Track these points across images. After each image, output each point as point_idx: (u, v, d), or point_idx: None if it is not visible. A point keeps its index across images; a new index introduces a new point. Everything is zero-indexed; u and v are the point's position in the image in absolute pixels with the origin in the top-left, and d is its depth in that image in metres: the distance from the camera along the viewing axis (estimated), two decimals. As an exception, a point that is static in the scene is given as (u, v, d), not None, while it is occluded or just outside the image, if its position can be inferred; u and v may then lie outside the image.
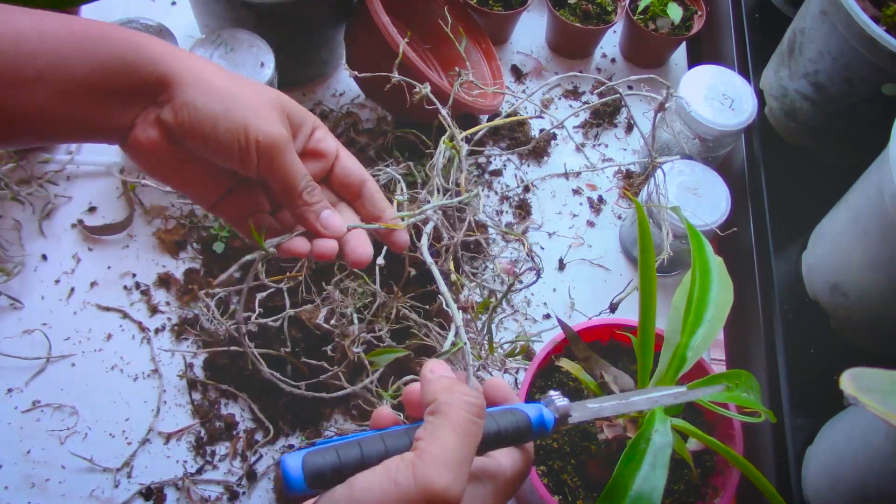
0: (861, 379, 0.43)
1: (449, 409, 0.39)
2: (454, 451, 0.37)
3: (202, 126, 0.45)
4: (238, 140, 0.45)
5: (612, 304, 0.82)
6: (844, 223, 0.75)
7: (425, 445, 0.37)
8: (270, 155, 0.46)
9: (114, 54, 0.44)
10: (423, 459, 0.36)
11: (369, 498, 0.36)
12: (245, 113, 0.45)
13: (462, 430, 0.38)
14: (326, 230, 0.50)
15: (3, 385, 0.75)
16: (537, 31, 1.09)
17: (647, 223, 0.53)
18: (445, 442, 0.37)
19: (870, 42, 0.72)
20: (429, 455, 0.37)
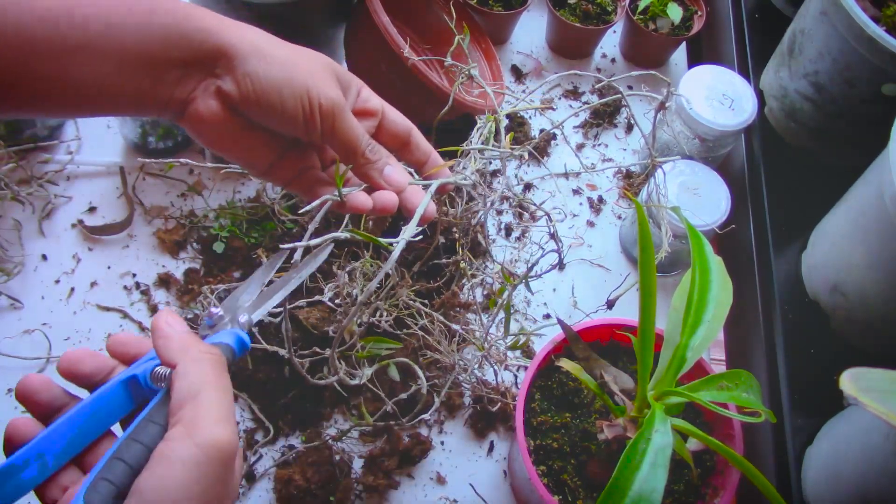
0: (861, 379, 0.43)
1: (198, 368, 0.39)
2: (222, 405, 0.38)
3: (267, 95, 0.46)
4: (303, 106, 0.47)
5: (610, 301, 0.82)
6: (844, 223, 0.75)
7: (192, 413, 0.37)
8: (333, 117, 0.48)
9: (168, 24, 0.43)
10: (199, 426, 0.36)
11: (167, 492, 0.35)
12: (306, 79, 0.47)
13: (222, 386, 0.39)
14: (390, 185, 0.52)
15: (3, 385, 0.75)
16: (537, 31, 1.09)
17: (647, 223, 0.53)
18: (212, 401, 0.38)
19: (870, 42, 0.72)
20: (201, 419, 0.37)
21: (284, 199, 0.86)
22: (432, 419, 0.78)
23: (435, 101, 0.81)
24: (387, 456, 0.73)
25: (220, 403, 0.38)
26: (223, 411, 0.38)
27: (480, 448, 0.78)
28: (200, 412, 0.37)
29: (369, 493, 0.73)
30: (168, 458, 0.36)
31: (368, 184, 0.52)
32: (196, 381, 0.38)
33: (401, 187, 0.52)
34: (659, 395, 0.55)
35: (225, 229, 0.84)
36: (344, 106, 0.48)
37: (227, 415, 0.38)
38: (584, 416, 0.66)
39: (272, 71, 0.46)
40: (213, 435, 0.36)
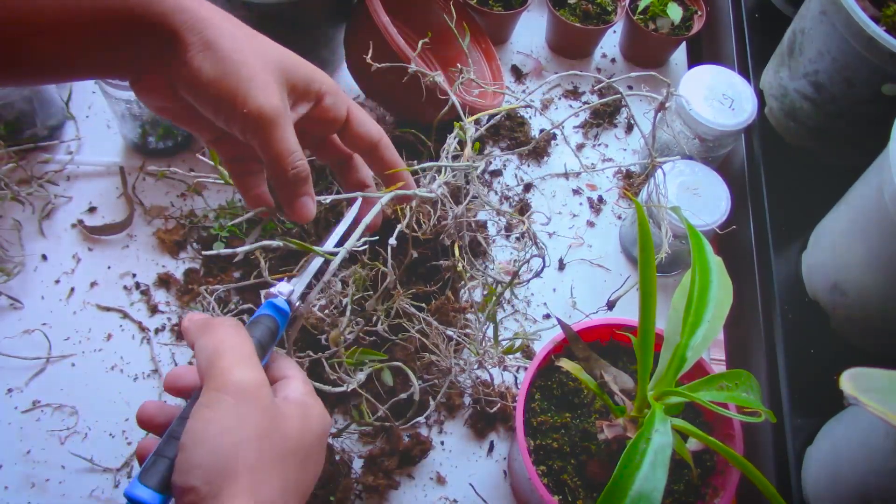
0: (861, 379, 0.43)
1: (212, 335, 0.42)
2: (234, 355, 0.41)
3: (197, 90, 0.45)
4: (230, 110, 0.45)
5: (610, 302, 0.82)
6: (844, 223, 0.75)
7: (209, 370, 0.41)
8: (258, 128, 0.46)
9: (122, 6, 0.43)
10: (215, 376, 0.40)
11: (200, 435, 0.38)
12: (239, 84, 0.45)
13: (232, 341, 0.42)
14: (294, 215, 0.50)
15: (3, 385, 0.75)
16: (537, 31, 1.09)
17: (647, 223, 0.53)
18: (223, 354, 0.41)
19: (870, 42, 0.72)
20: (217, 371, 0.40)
21: (284, 199, 0.86)
22: (432, 419, 0.78)
23: (435, 101, 0.81)
24: (387, 456, 0.73)
25: (234, 353, 0.41)
26: (239, 358, 0.41)
27: (480, 448, 0.78)
28: (217, 365, 0.41)
29: (369, 493, 0.73)
30: (198, 408, 0.39)
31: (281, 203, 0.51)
32: (209, 347, 0.42)
33: (304, 220, 0.50)
34: (659, 395, 0.55)
35: (225, 229, 0.84)
36: (276, 118, 0.46)
37: (241, 360, 0.41)
38: (584, 416, 0.66)
39: (208, 68, 0.45)
40: (232, 377, 0.40)
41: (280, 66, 0.48)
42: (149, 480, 0.39)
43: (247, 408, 0.40)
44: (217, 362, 0.41)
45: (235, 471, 0.38)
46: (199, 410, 0.39)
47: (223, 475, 0.38)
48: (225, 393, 0.39)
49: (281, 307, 0.48)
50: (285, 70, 0.48)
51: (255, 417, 0.40)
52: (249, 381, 0.40)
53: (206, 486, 0.37)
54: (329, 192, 0.85)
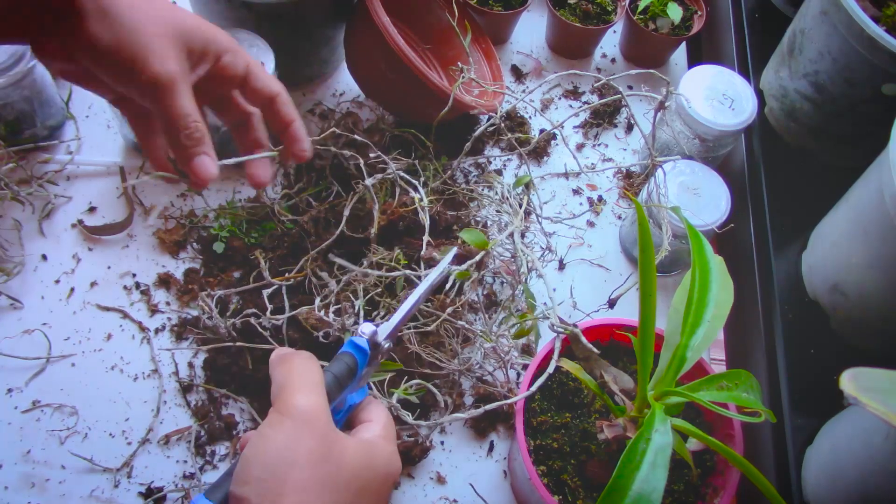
0: (861, 379, 0.43)
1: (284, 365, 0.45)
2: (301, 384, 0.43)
3: (95, 57, 0.46)
4: (127, 76, 0.47)
5: (611, 300, 0.82)
6: (844, 223, 0.75)
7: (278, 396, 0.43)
8: (155, 94, 0.48)
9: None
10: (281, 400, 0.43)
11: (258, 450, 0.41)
12: (136, 51, 0.47)
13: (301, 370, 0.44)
14: (195, 174, 0.51)
15: (3, 385, 0.75)
16: (537, 31, 1.09)
17: (647, 223, 0.53)
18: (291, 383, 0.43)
19: (870, 42, 0.72)
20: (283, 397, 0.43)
21: (284, 199, 0.86)
22: (433, 419, 0.78)
23: (435, 101, 0.81)
24: (387, 456, 0.73)
25: (301, 380, 0.44)
26: (305, 385, 0.43)
27: (480, 448, 0.78)
28: (284, 391, 0.43)
29: (369, 493, 0.73)
30: (261, 428, 0.42)
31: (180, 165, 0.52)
32: (282, 375, 0.44)
33: (206, 179, 0.52)
34: (659, 395, 0.55)
35: (225, 229, 0.84)
36: (172, 83, 0.48)
37: (308, 387, 0.43)
38: (584, 416, 0.66)
39: (104, 35, 0.46)
40: (294, 401, 0.42)
41: (178, 29, 0.49)
42: (213, 495, 0.42)
43: (304, 431, 0.42)
44: (285, 388, 0.43)
45: (284, 488, 0.40)
46: (261, 429, 0.42)
47: (274, 491, 0.39)
48: (286, 415, 0.42)
49: (361, 346, 0.50)
50: (183, 33, 0.49)
51: (311, 442, 0.41)
52: (309, 407, 0.42)
53: (256, 498, 0.39)
54: (329, 191, 0.85)
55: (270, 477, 0.40)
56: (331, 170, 0.87)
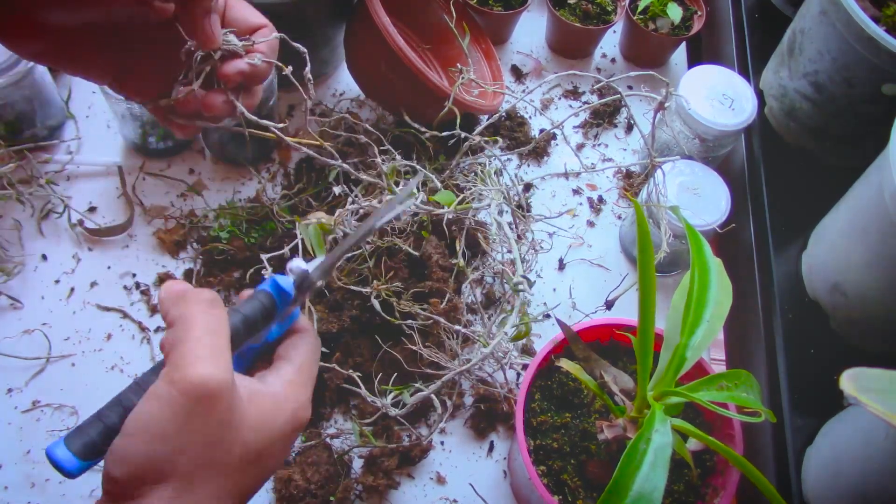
0: (861, 379, 0.43)
1: (183, 311, 0.38)
2: (205, 345, 0.37)
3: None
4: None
5: (609, 301, 0.82)
6: (844, 223, 0.75)
7: (176, 354, 0.37)
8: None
9: None
10: (178, 365, 0.36)
11: (142, 427, 0.35)
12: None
13: (203, 323, 0.38)
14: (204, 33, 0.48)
15: (3, 385, 0.75)
16: (537, 31, 1.09)
17: (647, 223, 0.53)
18: (193, 341, 0.37)
19: (870, 42, 0.72)
20: (182, 359, 0.36)
21: (284, 199, 0.86)
22: (432, 419, 0.78)
23: (435, 101, 0.81)
24: (387, 456, 0.73)
25: (203, 344, 0.37)
26: (205, 350, 0.37)
27: (480, 448, 0.78)
28: (182, 352, 0.37)
29: (369, 493, 0.73)
30: (149, 394, 0.36)
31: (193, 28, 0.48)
32: (182, 324, 0.38)
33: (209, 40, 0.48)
34: (659, 395, 0.55)
35: (225, 229, 0.84)
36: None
37: (210, 353, 0.37)
38: (584, 416, 0.66)
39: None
40: (192, 372, 0.36)
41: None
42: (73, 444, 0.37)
43: (198, 412, 0.36)
44: (181, 347, 0.37)
45: (163, 475, 0.35)
46: (148, 399, 0.36)
47: (150, 475, 0.35)
48: (179, 391, 0.35)
49: (283, 288, 0.43)
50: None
51: (205, 426, 0.36)
52: (209, 383, 0.36)
53: (129, 480, 0.35)
54: (329, 191, 0.85)
55: (149, 460, 0.35)
56: (330, 170, 0.87)
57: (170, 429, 0.35)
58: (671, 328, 0.56)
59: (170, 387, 0.36)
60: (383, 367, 0.76)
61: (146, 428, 0.35)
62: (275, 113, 0.87)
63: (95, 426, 0.38)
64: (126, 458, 0.35)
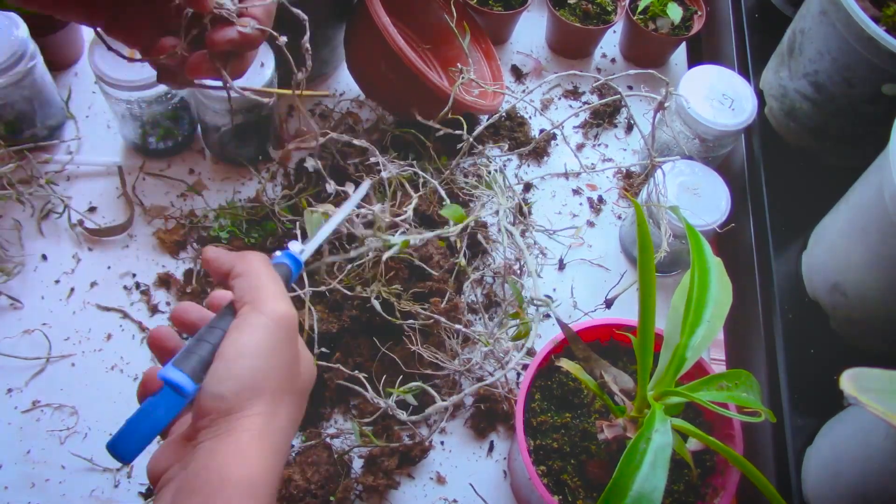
0: (861, 379, 0.43)
1: (247, 266, 0.45)
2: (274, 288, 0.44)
3: None
4: None
5: (608, 300, 0.82)
6: (844, 223, 0.75)
7: (254, 295, 0.43)
8: None
9: None
10: (262, 301, 0.43)
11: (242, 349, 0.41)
12: None
13: (268, 276, 0.45)
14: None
15: (3, 385, 0.75)
16: (537, 31, 1.09)
17: (647, 223, 0.53)
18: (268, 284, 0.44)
19: (870, 42, 0.72)
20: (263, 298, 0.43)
21: (284, 199, 0.86)
22: (432, 419, 0.78)
23: (435, 101, 0.81)
24: (387, 456, 0.73)
25: (275, 286, 0.44)
26: (279, 292, 0.44)
27: (480, 448, 0.78)
28: (261, 294, 0.43)
29: (369, 493, 0.73)
30: (241, 326, 0.42)
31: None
32: (252, 273, 0.44)
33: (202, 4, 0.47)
34: (659, 395, 0.55)
35: (225, 229, 0.84)
36: None
37: (283, 294, 0.44)
38: (584, 416, 0.66)
39: None
40: (275, 306, 0.42)
41: None
42: (184, 366, 0.41)
43: (284, 338, 0.42)
44: (262, 289, 0.43)
45: (262, 391, 0.40)
46: (244, 327, 0.42)
47: (252, 391, 0.40)
48: (271, 319, 0.42)
49: (297, 259, 0.50)
50: None
51: (287, 349, 0.43)
52: (290, 315, 0.43)
53: (234, 397, 0.40)
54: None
55: (252, 377, 0.40)
56: (330, 170, 0.87)
57: (266, 349, 0.41)
58: (671, 328, 0.56)
59: (260, 316, 0.42)
60: (383, 367, 0.76)
61: (247, 350, 0.41)
62: (274, 112, 0.87)
63: (194, 357, 0.42)
64: (232, 376, 0.40)
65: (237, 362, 0.41)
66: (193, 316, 0.47)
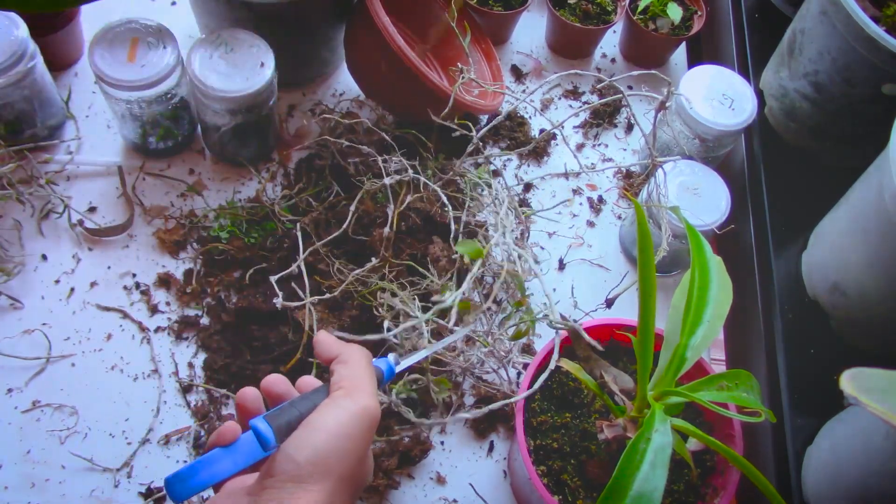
0: (861, 379, 0.43)
1: (352, 357, 0.49)
2: (369, 384, 0.48)
3: None
4: None
5: (608, 300, 0.82)
6: (844, 223, 0.75)
7: (351, 384, 0.47)
8: None
9: None
10: (357, 391, 0.47)
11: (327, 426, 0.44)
12: None
13: (367, 371, 0.49)
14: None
15: (3, 385, 0.75)
16: (537, 31, 1.09)
17: (647, 223, 0.53)
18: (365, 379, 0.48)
19: (870, 42, 0.72)
20: (358, 389, 0.47)
21: (284, 199, 0.86)
22: (433, 419, 0.78)
23: (435, 101, 0.81)
24: (387, 456, 0.73)
25: (370, 382, 0.48)
26: (372, 389, 0.48)
27: (480, 448, 0.78)
28: (358, 384, 0.47)
29: (369, 493, 0.73)
30: (332, 405, 0.45)
31: None
32: (354, 364, 0.49)
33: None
34: (659, 395, 0.55)
35: (225, 229, 0.84)
36: None
37: (372, 390, 0.48)
38: (584, 416, 0.66)
39: None
40: (367, 400, 0.46)
41: None
42: (273, 423, 0.45)
43: (365, 430, 0.46)
44: (359, 380, 0.48)
45: (331, 471, 0.43)
46: (334, 408, 0.45)
47: (323, 468, 0.43)
48: (361, 408, 0.45)
49: (392, 368, 0.55)
50: None
51: (364, 442, 0.46)
52: (376, 413, 0.47)
53: (307, 465, 0.42)
54: (329, 191, 0.85)
55: (327, 454, 0.43)
56: (330, 170, 0.87)
57: (346, 434, 0.44)
58: (671, 328, 0.56)
59: (355, 405, 0.46)
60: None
61: (331, 428, 0.44)
62: (274, 112, 0.87)
63: (282, 418, 0.45)
64: (311, 445, 0.43)
65: (319, 436, 0.43)
66: (280, 388, 0.51)
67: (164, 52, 0.79)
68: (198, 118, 0.87)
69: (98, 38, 0.79)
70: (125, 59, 0.78)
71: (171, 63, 0.79)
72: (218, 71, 0.78)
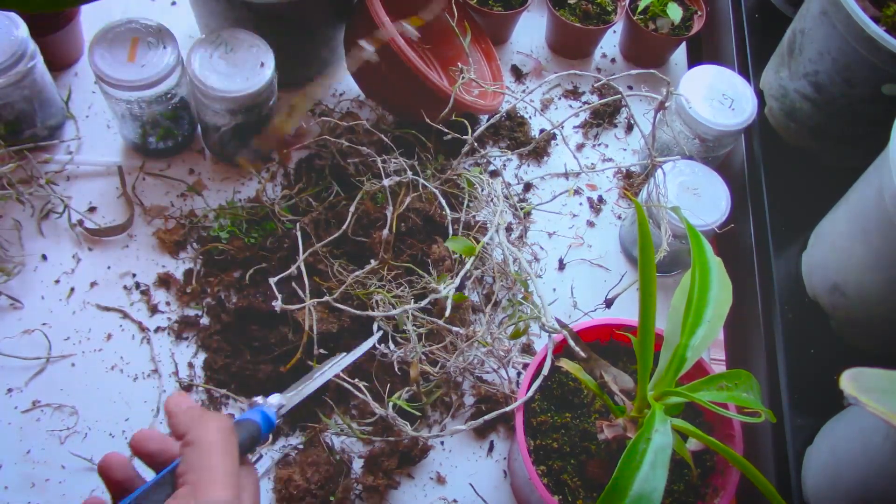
0: (861, 379, 0.43)
1: (201, 438, 0.42)
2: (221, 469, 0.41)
3: None
4: None
5: (608, 300, 0.82)
6: (844, 223, 0.75)
7: (195, 476, 0.40)
8: None
9: None
10: (201, 487, 0.40)
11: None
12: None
13: (220, 455, 0.41)
14: None
15: (3, 385, 0.75)
16: (537, 31, 1.09)
17: (647, 223, 0.53)
18: (212, 465, 0.41)
19: (870, 42, 0.72)
20: (204, 482, 0.40)
21: (284, 199, 0.86)
22: (432, 419, 0.78)
23: (435, 101, 0.81)
24: (387, 456, 0.73)
25: (224, 468, 0.41)
26: (225, 475, 0.41)
27: (480, 448, 0.78)
28: (206, 476, 0.40)
29: (369, 493, 0.73)
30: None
31: None
32: (204, 447, 0.41)
33: None
34: (659, 395, 0.55)
35: (225, 229, 0.84)
36: None
37: (226, 477, 0.41)
38: (584, 416, 0.66)
39: None
40: (216, 495, 0.40)
41: None
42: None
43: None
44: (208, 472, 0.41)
45: None
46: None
47: None
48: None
49: (270, 417, 0.49)
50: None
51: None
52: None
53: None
54: (329, 191, 0.85)
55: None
56: (330, 170, 0.87)
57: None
58: (671, 328, 0.56)
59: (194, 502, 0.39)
60: (383, 367, 0.76)
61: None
62: (274, 113, 0.87)
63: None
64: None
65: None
66: (153, 447, 0.45)
67: (164, 52, 0.79)
68: (198, 118, 0.87)
69: (98, 38, 0.79)
70: (125, 59, 0.78)
71: (171, 63, 0.79)
72: (218, 71, 0.78)
